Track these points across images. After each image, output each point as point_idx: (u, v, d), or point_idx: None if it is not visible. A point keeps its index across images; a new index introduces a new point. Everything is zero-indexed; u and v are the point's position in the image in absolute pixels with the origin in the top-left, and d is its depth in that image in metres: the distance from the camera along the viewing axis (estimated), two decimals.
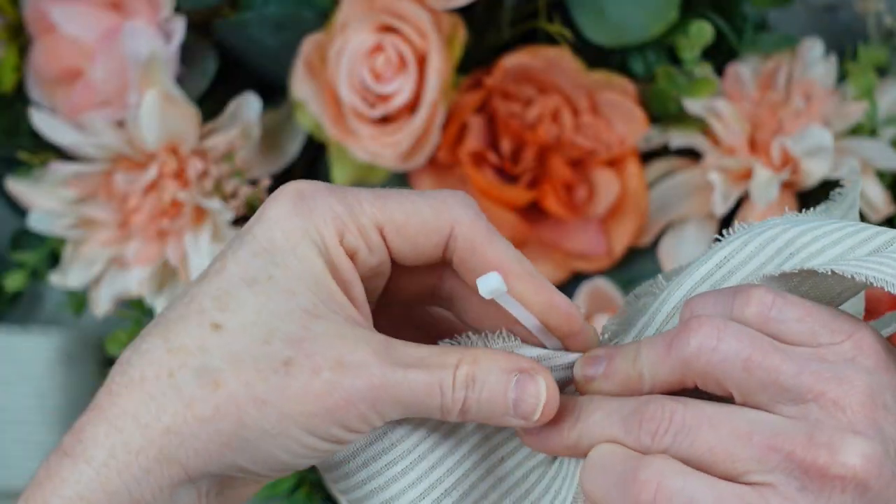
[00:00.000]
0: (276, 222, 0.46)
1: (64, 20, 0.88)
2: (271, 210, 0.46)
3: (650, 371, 0.46)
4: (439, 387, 0.46)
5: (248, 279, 0.45)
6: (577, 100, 0.87)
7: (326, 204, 0.46)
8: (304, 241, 0.45)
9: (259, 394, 0.44)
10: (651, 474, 0.44)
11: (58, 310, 1.00)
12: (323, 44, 0.86)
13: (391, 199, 0.46)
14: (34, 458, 0.97)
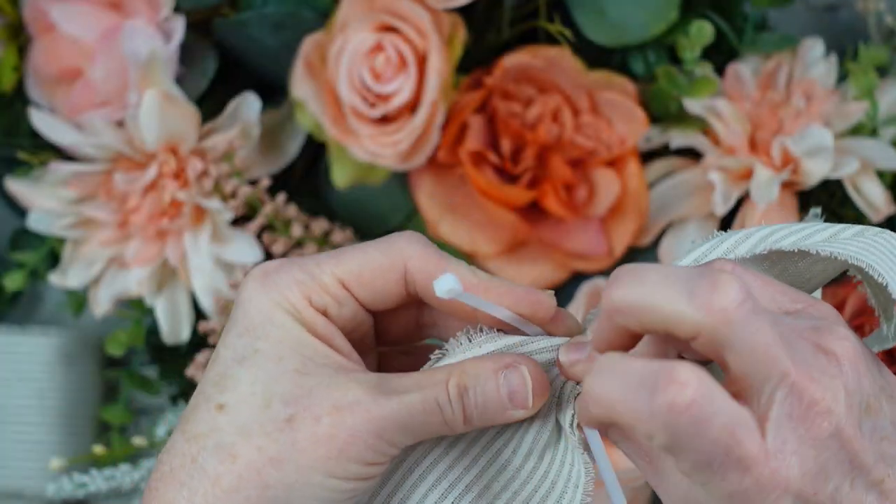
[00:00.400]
0: (249, 302, 0.50)
1: (63, 20, 0.88)
2: (243, 293, 0.50)
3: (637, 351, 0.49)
4: (436, 403, 0.49)
5: (238, 358, 0.49)
6: (578, 100, 0.87)
7: (289, 274, 0.50)
8: (277, 311, 0.50)
9: (273, 454, 0.48)
10: (689, 375, 0.43)
11: (57, 310, 1.00)
12: (323, 43, 0.86)
13: (345, 254, 0.51)
14: (34, 458, 0.97)
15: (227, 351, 0.50)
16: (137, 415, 1.00)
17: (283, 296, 0.50)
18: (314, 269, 0.50)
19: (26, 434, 0.97)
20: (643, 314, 0.45)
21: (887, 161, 0.83)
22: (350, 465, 0.48)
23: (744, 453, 0.44)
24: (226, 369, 0.49)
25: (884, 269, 0.49)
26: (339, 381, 0.49)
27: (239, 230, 0.88)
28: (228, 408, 0.49)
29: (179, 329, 0.90)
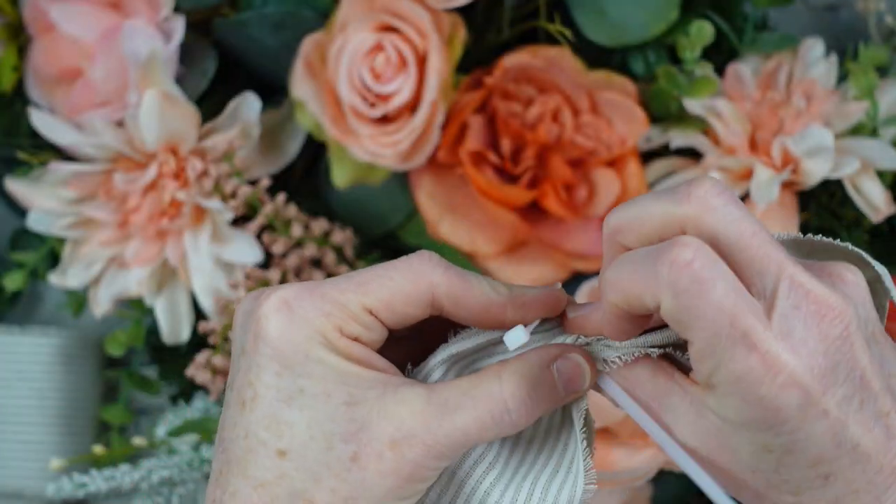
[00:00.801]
0: (278, 339, 0.49)
1: (63, 20, 0.88)
2: (267, 326, 0.49)
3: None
4: (491, 417, 0.50)
5: (285, 399, 0.49)
6: (578, 99, 0.87)
7: (314, 307, 0.49)
8: (312, 346, 0.49)
9: (346, 494, 0.49)
10: (690, 239, 0.45)
11: (57, 310, 1.00)
12: (323, 43, 0.86)
13: (370, 282, 0.50)
14: (34, 458, 0.97)
15: (270, 392, 0.49)
16: (137, 415, 1.00)
17: (314, 329, 0.49)
18: (340, 299, 0.50)
19: (26, 434, 0.97)
20: (639, 224, 0.47)
21: (887, 161, 0.83)
22: (416, 485, 0.50)
23: (748, 326, 0.44)
24: (275, 412, 0.49)
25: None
26: (388, 407, 0.49)
27: (239, 230, 0.88)
28: (292, 453, 0.49)
29: (179, 329, 0.90)
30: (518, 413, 0.50)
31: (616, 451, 0.86)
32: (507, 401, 0.50)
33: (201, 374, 0.87)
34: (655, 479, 0.88)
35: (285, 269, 0.88)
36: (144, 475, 0.90)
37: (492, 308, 0.51)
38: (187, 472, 0.91)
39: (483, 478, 0.52)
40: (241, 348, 0.50)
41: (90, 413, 0.99)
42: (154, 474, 0.90)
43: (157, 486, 0.92)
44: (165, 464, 0.90)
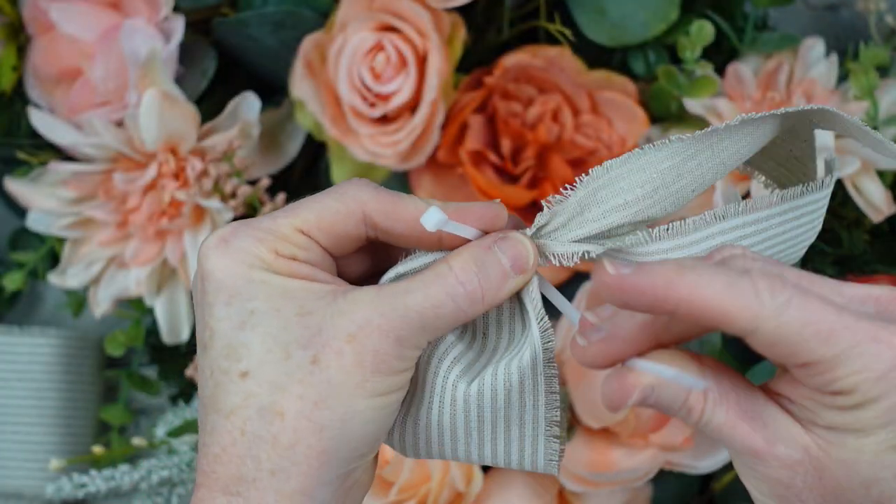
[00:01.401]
0: (220, 270, 0.51)
1: (63, 19, 0.88)
2: (207, 263, 0.51)
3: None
4: (446, 296, 0.50)
5: (238, 325, 0.50)
6: (578, 99, 0.87)
7: (248, 235, 0.51)
8: (252, 271, 0.50)
9: (315, 398, 0.49)
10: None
11: (57, 310, 1.00)
12: (323, 43, 0.86)
13: (300, 206, 0.52)
14: (33, 458, 0.97)
15: (222, 323, 0.50)
16: (137, 415, 1.00)
17: (251, 255, 0.50)
18: (271, 225, 0.51)
19: (26, 434, 0.97)
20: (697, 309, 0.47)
21: (887, 161, 0.83)
22: (385, 378, 0.50)
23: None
24: (230, 340, 0.50)
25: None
26: (341, 308, 0.50)
27: None
28: (252, 371, 0.49)
29: (179, 329, 0.90)
30: (471, 285, 0.51)
31: (616, 451, 0.86)
32: (458, 274, 0.51)
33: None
34: (655, 479, 0.88)
35: None
36: (144, 475, 0.90)
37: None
38: (187, 472, 0.91)
39: (449, 372, 0.53)
40: (196, 298, 0.51)
41: (90, 413, 0.99)
42: (154, 474, 0.90)
43: (156, 487, 0.92)
44: (165, 464, 0.90)
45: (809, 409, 0.48)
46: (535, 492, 0.86)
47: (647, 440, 0.86)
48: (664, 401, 0.49)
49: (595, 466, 0.85)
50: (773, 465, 0.49)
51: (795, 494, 0.49)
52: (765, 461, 0.49)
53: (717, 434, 0.49)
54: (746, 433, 0.49)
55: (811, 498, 0.49)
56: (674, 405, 0.49)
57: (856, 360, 0.46)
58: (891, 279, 0.87)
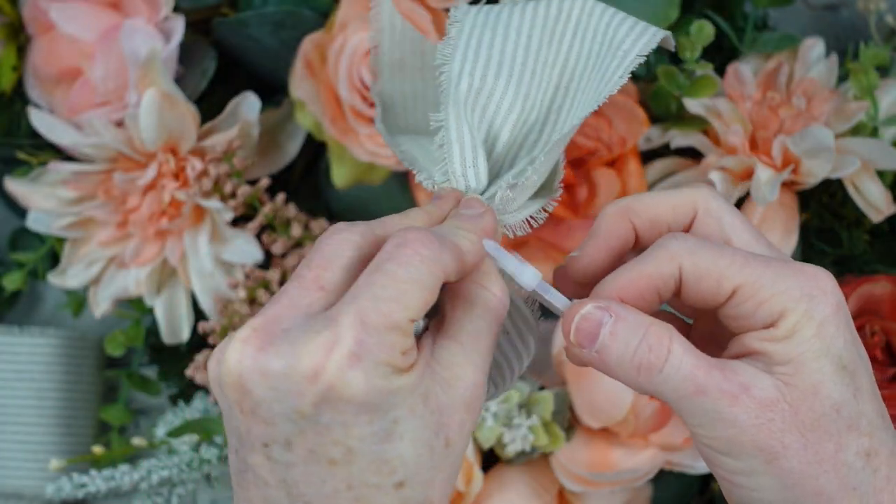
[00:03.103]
0: (357, 391, 0.48)
1: (63, 19, 0.88)
2: (347, 390, 0.47)
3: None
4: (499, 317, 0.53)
5: (384, 437, 0.48)
6: None
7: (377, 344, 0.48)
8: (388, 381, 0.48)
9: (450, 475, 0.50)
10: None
11: (57, 310, 1.00)
12: (323, 43, 0.86)
13: (407, 292, 0.49)
14: (34, 458, 0.97)
15: (365, 441, 0.48)
16: (137, 415, 1.00)
17: (387, 366, 0.48)
18: (389, 323, 0.48)
19: (26, 434, 0.97)
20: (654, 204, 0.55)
21: (887, 161, 0.83)
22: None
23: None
24: (379, 455, 0.48)
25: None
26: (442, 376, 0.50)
27: (239, 230, 0.88)
28: (408, 480, 0.49)
29: (179, 329, 0.90)
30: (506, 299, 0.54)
31: (616, 451, 0.86)
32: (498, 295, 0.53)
33: (201, 375, 0.87)
34: (655, 479, 0.88)
35: (285, 269, 0.88)
36: (144, 475, 0.90)
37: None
38: (187, 472, 0.90)
39: None
40: (294, 412, 0.47)
41: (90, 413, 0.99)
42: (154, 474, 0.90)
43: (156, 487, 0.92)
44: (165, 464, 0.90)
45: (762, 352, 0.51)
46: (535, 492, 0.86)
47: (647, 440, 0.86)
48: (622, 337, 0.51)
49: (595, 466, 0.85)
50: (752, 408, 0.50)
51: (778, 438, 0.50)
52: (742, 405, 0.50)
53: (687, 383, 0.50)
54: (721, 378, 0.50)
55: (792, 439, 0.50)
56: (631, 342, 0.51)
57: (775, 281, 0.51)
58: (891, 279, 0.87)
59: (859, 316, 0.87)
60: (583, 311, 0.52)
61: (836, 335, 0.51)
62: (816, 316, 0.51)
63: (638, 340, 0.50)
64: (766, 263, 0.51)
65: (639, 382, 0.51)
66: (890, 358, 0.88)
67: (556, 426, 0.85)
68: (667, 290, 0.52)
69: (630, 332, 0.51)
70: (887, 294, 0.87)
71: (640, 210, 0.55)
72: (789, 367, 0.50)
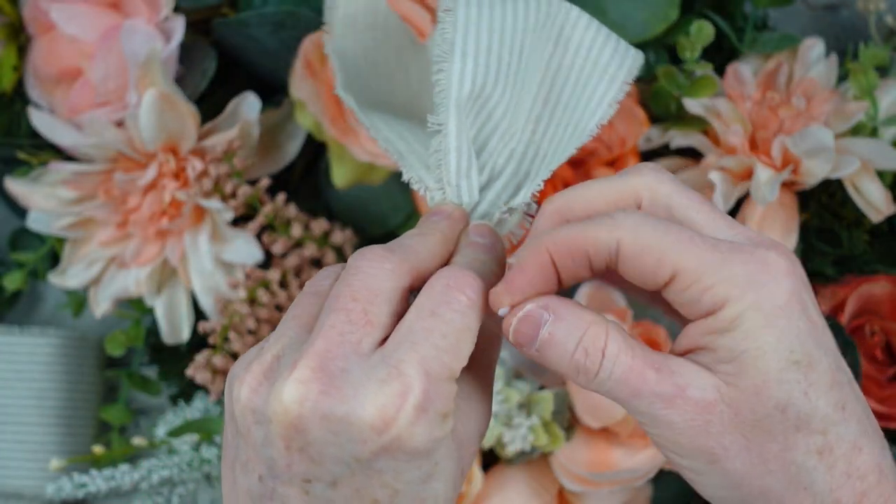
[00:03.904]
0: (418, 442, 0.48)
1: (63, 20, 0.88)
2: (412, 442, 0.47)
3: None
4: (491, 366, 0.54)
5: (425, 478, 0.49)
6: None
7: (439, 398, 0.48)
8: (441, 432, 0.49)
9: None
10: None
11: (57, 310, 1.00)
12: (322, 43, 0.86)
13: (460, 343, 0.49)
14: (34, 458, 0.97)
15: (412, 484, 0.48)
16: (137, 415, 1.00)
17: (443, 419, 0.48)
18: (448, 374, 0.48)
19: (26, 434, 0.97)
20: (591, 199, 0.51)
21: (887, 161, 0.83)
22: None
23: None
24: (419, 494, 0.49)
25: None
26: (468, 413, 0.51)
27: (239, 230, 0.88)
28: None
29: (179, 329, 0.90)
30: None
31: (616, 451, 0.86)
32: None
33: (201, 374, 0.87)
34: (655, 479, 0.88)
35: (285, 269, 0.88)
36: (144, 475, 0.90)
37: None
38: (187, 472, 0.91)
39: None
40: (351, 457, 0.47)
41: (90, 413, 0.99)
42: (154, 474, 0.90)
43: (157, 486, 0.92)
44: (165, 464, 0.90)
45: (706, 347, 0.48)
46: (535, 492, 0.86)
47: (646, 440, 0.86)
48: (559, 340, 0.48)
49: (595, 466, 0.85)
50: (688, 411, 0.48)
51: (717, 441, 0.48)
52: (678, 408, 0.48)
53: (622, 386, 0.48)
54: (655, 380, 0.48)
55: (733, 441, 0.48)
56: (568, 346, 0.48)
57: (721, 266, 0.47)
58: (891, 279, 0.87)
59: (859, 316, 0.87)
60: (522, 311, 0.49)
61: (788, 327, 0.47)
62: (765, 306, 0.47)
63: (574, 344, 0.48)
64: (714, 246, 0.48)
65: (579, 383, 0.49)
66: (890, 358, 0.88)
67: (556, 426, 0.85)
68: (599, 259, 0.49)
69: (567, 334, 0.48)
70: (887, 294, 0.88)
71: (577, 209, 0.51)
72: (733, 365, 0.47)
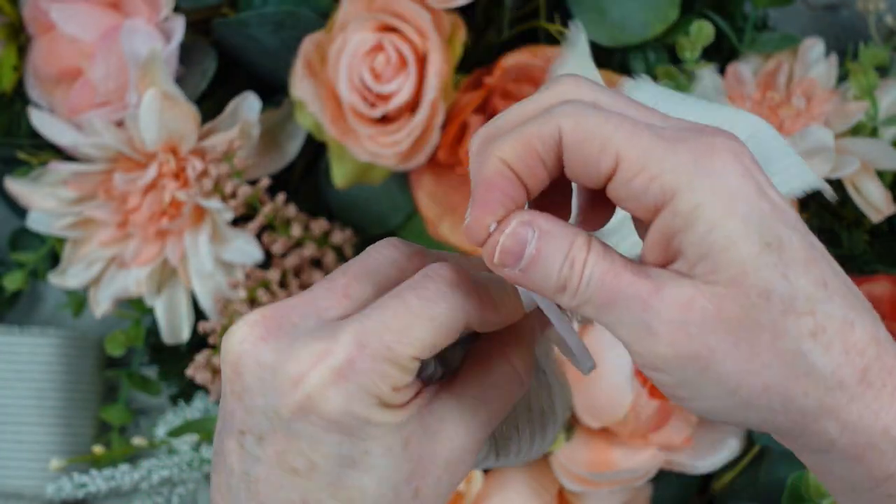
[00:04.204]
0: (335, 410, 0.46)
1: (63, 20, 0.88)
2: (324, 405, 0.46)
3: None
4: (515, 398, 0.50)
5: (350, 464, 0.47)
6: None
7: (368, 370, 0.46)
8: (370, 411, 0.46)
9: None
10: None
11: (57, 310, 1.00)
12: (323, 43, 0.86)
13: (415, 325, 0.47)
14: (34, 458, 0.97)
15: (330, 460, 0.47)
16: (137, 415, 1.00)
17: (371, 394, 0.46)
18: (389, 355, 0.46)
19: (26, 434, 0.97)
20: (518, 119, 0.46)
21: (887, 161, 0.83)
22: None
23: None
24: (340, 478, 0.47)
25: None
26: (432, 427, 0.48)
27: (239, 230, 0.88)
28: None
29: (179, 329, 0.90)
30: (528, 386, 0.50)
31: (616, 451, 0.86)
32: (523, 377, 0.50)
33: (201, 374, 0.87)
34: (655, 479, 0.88)
35: (285, 269, 0.88)
36: (144, 475, 0.90)
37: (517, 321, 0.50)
38: (187, 472, 0.91)
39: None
40: (272, 411, 0.46)
41: (90, 413, 0.99)
42: (154, 474, 0.90)
43: (157, 486, 0.92)
44: (165, 464, 0.90)
45: (672, 254, 0.45)
46: (535, 492, 0.86)
47: (646, 440, 0.86)
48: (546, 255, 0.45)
49: (595, 466, 0.85)
50: (664, 312, 0.44)
51: (701, 342, 0.44)
52: (655, 310, 0.44)
53: (600, 291, 0.45)
54: (631, 281, 0.45)
55: (719, 340, 0.44)
56: (556, 261, 0.45)
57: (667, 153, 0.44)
58: (891, 279, 0.87)
59: None
60: (507, 229, 0.45)
61: (750, 211, 0.44)
62: (720, 192, 0.44)
63: (563, 258, 0.45)
64: (657, 134, 0.45)
65: (561, 301, 0.46)
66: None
67: None
68: (549, 155, 0.45)
69: (555, 248, 0.45)
70: (887, 294, 0.87)
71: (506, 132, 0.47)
72: (705, 263, 0.44)
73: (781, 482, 0.86)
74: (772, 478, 0.89)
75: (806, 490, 0.78)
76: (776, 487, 0.87)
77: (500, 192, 0.46)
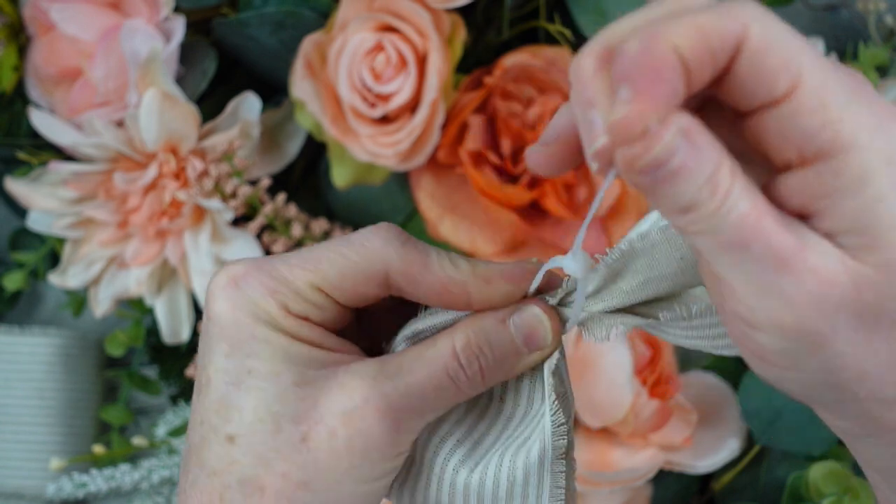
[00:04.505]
0: (223, 316, 0.47)
1: (63, 20, 0.88)
2: (214, 306, 0.47)
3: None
4: (447, 375, 0.47)
5: (233, 381, 0.47)
6: None
7: (260, 283, 0.47)
8: (258, 325, 0.47)
9: (299, 479, 0.46)
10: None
11: (57, 310, 1.00)
12: (323, 43, 0.86)
13: (321, 257, 0.48)
14: (34, 458, 0.97)
15: (219, 375, 0.47)
16: (137, 415, 1.00)
17: (259, 307, 0.47)
18: (288, 276, 0.47)
19: (26, 434, 0.97)
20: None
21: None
22: (376, 465, 0.47)
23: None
24: (225, 396, 0.47)
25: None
26: (341, 380, 0.47)
27: (239, 230, 0.88)
28: (240, 438, 0.46)
29: (179, 329, 0.90)
30: (472, 368, 0.47)
31: (616, 451, 0.86)
32: (461, 355, 0.47)
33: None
34: (655, 479, 0.88)
35: None
36: (144, 475, 0.90)
37: (452, 287, 0.48)
38: None
39: (450, 457, 0.50)
40: (201, 335, 0.48)
41: (90, 413, 0.99)
42: (154, 474, 0.90)
43: (157, 486, 0.92)
44: (165, 464, 0.90)
45: (820, 210, 0.39)
46: None
47: (646, 440, 0.86)
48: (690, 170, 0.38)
49: (595, 466, 0.85)
50: (804, 283, 0.38)
51: (827, 321, 0.39)
52: (792, 275, 0.38)
53: (735, 230, 0.38)
54: (774, 230, 0.38)
55: (843, 321, 0.39)
56: (697, 179, 0.38)
57: (847, 99, 0.38)
58: None
59: None
60: (667, 136, 0.37)
61: None
62: (894, 159, 0.37)
63: (705, 178, 0.38)
64: (845, 74, 0.39)
65: (679, 220, 0.39)
66: None
67: None
68: (723, 54, 0.39)
69: (701, 165, 0.38)
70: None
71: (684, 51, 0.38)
72: (861, 237, 0.38)
73: (781, 482, 0.86)
74: (772, 478, 0.89)
75: (806, 490, 0.78)
76: (776, 487, 0.87)
77: (669, 87, 0.38)
